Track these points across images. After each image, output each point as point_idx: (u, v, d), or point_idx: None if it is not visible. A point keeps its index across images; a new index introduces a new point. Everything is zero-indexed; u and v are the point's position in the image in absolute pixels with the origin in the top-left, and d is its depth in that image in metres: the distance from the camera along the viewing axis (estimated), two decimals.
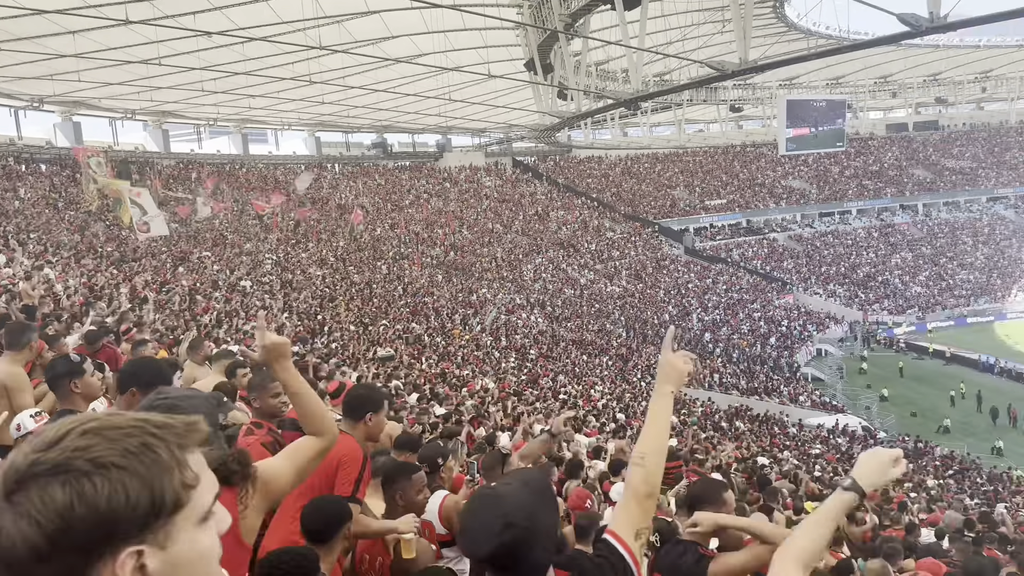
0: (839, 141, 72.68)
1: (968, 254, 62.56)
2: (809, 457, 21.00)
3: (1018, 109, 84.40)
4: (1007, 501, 19.83)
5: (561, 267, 52.16)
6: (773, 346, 46.44)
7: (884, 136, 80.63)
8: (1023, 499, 21.03)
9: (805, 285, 56.80)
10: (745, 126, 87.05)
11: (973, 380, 39.87)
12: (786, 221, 66.85)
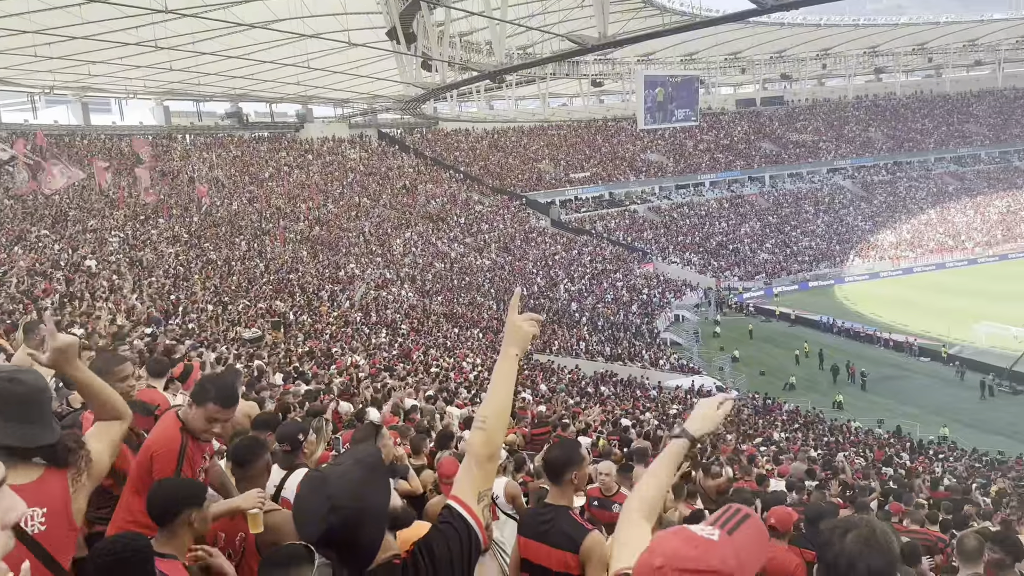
0: (693, 116, 75.83)
1: (810, 222, 67.16)
2: (668, 417, 22.03)
3: (855, 86, 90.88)
4: (846, 450, 21.62)
5: (431, 241, 51.89)
6: (635, 313, 48.26)
7: (734, 111, 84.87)
8: (862, 448, 23.00)
9: (663, 255, 59.25)
10: (606, 101, 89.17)
11: (815, 340, 43.01)
12: (645, 193, 69.32)
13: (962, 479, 17.74)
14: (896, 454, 22.00)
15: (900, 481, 13.31)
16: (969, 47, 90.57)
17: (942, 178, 76.04)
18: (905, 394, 35.46)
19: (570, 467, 3.34)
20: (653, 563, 1.44)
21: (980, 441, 28.16)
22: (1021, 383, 34.73)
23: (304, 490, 1.88)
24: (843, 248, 63.01)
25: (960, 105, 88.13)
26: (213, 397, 3.58)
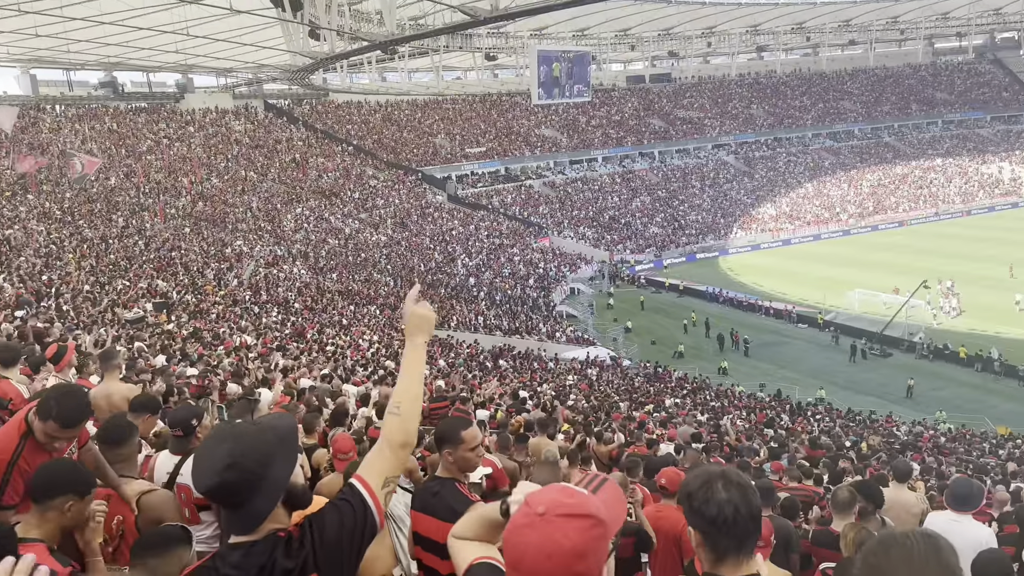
0: (585, 92, 76.82)
1: (697, 197, 69.46)
2: (564, 388, 22.47)
3: (738, 64, 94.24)
4: (731, 414, 22.64)
5: (324, 216, 50.67)
6: (532, 287, 48.78)
7: (625, 88, 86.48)
8: (745, 411, 24.13)
9: (559, 229, 60.03)
10: (500, 75, 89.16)
11: (702, 309, 44.70)
12: (541, 169, 69.87)
13: (837, 437, 18.91)
14: (777, 416, 23.20)
15: (780, 441, 14.07)
16: (844, 27, 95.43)
17: (819, 153, 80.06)
18: (785, 359, 37.41)
19: (445, 443, 3.34)
20: (536, 511, 1.54)
21: (854, 401, 30.07)
22: (891, 347, 37.23)
23: (211, 439, 1.87)
24: (727, 221, 65.54)
25: (835, 83, 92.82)
26: (55, 415, 3.22)
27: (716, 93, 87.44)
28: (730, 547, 1.89)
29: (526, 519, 1.55)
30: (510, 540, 1.57)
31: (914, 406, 30.56)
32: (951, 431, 25.01)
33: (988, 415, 28.96)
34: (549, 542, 1.51)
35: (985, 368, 33.48)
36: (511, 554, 1.56)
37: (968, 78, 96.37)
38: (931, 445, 20.24)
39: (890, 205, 69.91)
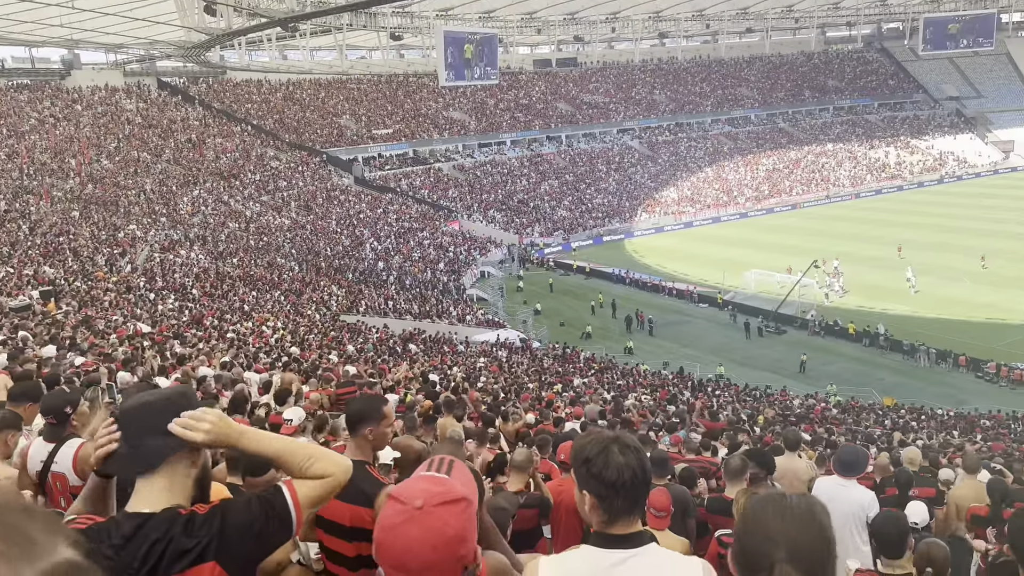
0: (493, 74, 76.80)
1: (603, 180, 70.60)
2: (475, 370, 22.55)
3: (641, 50, 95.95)
4: (635, 391, 23.23)
5: (223, 199, 48.94)
6: (442, 271, 48.59)
7: (532, 71, 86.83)
8: (649, 388, 24.79)
9: (468, 212, 59.93)
10: (407, 56, 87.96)
11: (609, 291, 45.59)
12: (449, 151, 69.50)
13: (735, 412, 19.69)
14: (679, 392, 23.95)
15: (680, 416, 14.55)
16: (741, 15, 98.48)
17: (718, 138, 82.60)
18: (687, 337, 38.62)
19: (366, 421, 3.28)
20: (413, 506, 1.57)
21: (751, 377, 31.34)
22: (785, 324, 38.93)
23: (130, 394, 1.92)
24: (632, 205, 66.93)
25: (733, 70, 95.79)
26: None
27: (621, 78, 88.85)
28: (623, 509, 1.95)
29: (404, 515, 1.56)
30: (387, 541, 1.57)
31: (807, 380, 32.12)
32: (841, 403, 26.41)
33: (875, 387, 30.76)
34: (433, 533, 1.54)
35: (872, 343, 35.45)
36: (391, 554, 1.56)
37: (857, 66, 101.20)
38: (822, 416, 21.32)
39: (784, 189, 72.88)
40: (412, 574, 1.56)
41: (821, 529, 1.53)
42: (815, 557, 1.50)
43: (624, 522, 1.97)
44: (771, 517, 1.54)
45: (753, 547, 1.53)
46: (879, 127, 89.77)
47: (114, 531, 1.82)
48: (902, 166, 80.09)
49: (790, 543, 1.50)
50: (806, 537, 1.51)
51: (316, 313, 30.60)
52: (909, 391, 29.89)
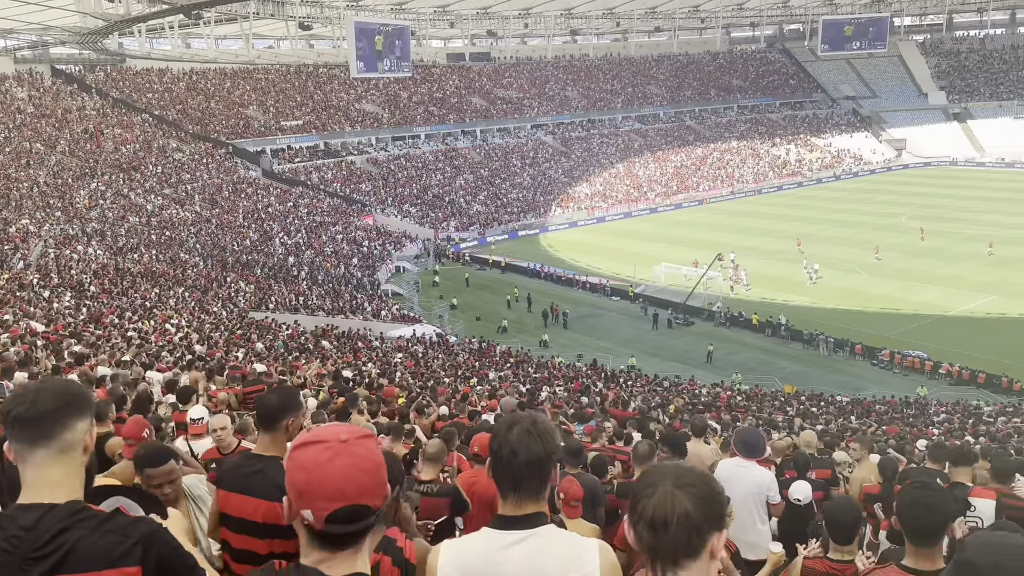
0: (406, 67, 76.14)
1: (518, 175, 70.97)
2: (390, 365, 22.34)
3: (554, 46, 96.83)
4: (550, 383, 23.50)
5: (122, 192, 46.83)
6: (356, 266, 47.89)
7: (445, 65, 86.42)
8: (563, 380, 25.10)
9: (383, 206, 59.26)
10: (317, 46, 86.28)
11: (524, 285, 45.94)
12: (362, 144, 68.48)
13: (646, 401, 20.15)
14: (592, 384, 24.36)
15: (594, 406, 14.79)
16: (650, 14, 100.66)
17: (628, 135, 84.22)
18: (600, 330, 39.31)
19: (289, 412, 3.21)
20: (338, 439, 1.66)
21: (661, 367, 32.18)
22: (693, 316, 40.08)
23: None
24: (546, 199, 67.56)
25: (643, 68, 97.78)
26: None
27: (534, 74, 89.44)
28: (505, 487, 1.99)
29: (330, 450, 1.62)
30: (319, 478, 1.60)
31: (713, 369, 33.18)
32: (745, 391, 27.39)
33: (777, 375, 32.05)
34: (364, 460, 1.63)
35: (774, 333, 36.91)
36: (327, 488, 1.59)
37: (760, 66, 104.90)
38: (728, 404, 22.07)
39: (692, 185, 74.96)
40: (350, 500, 1.60)
41: (709, 480, 1.58)
42: (702, 492, 1.54)
43: (518, 502, 2.00)
44: (662, 468, 1.60)
45: (642, 488, 1.57)
46: (780, 125, 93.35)
47: (8, 523, 1.75)
48: (802, 163, 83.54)
49: (678, 476, 1.55)
50: (694, 477, 1.56)
51: (223, 310, 29.70)
52: (809, 379, 31.27)
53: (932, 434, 16.98)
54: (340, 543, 1.67)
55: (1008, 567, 1.60)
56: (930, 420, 21.70)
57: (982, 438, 16.59)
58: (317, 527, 1.63)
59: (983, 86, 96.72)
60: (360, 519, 1.64)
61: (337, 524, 1.62)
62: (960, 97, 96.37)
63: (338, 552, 1.68)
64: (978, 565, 1.63)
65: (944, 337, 34.18)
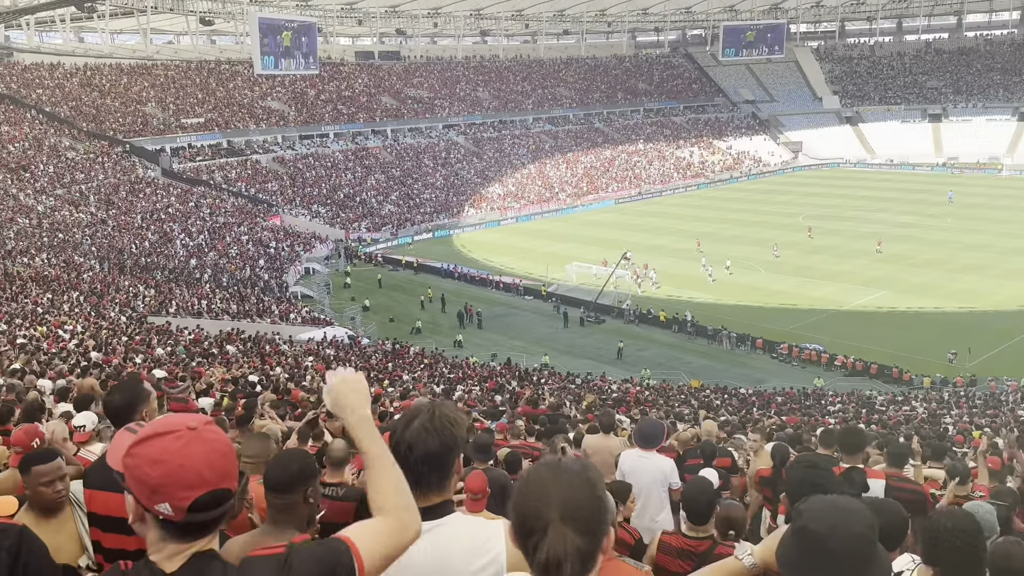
0: (312, 64, 74.75)
1: (430, 176, 70.65)
2: (299, 369, 21.89)
3: (464, 46, 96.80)
4: (464, 383, 23.53)
5: (11, 193, 44.23)
6: (263, 268, 46.67)
7: (354, 63, 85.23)
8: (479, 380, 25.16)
9: (290, 206, 57.96)
10: (219, 42, 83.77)
11: (438, 285, 45.77)
12: (268, 143, 66.81)
13: (559, 397, 20.43)
14: (507, 382, 24.53)
15: (507, 403, 14.91)
16: (558, 17, 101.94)
17: (539, 136, 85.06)
18: (514, 329, 39.60)
19: (141, 403, 3.13)
20: (187, 427, 1.63)
21: (573, 365, 32.66)
22: (604, 314, 40.83)
23: None
24: (459, 200, 67.52)
25: (552, 70, 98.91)
26: None
27: (445, 74, 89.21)
28: (413, 479, 1.99)
29: (181, 439, 1.59)
30: (175, 468, 1.56)
31: (624, 366, 33.91)
32: (654, 386, 28.12)
33: (684, 370, 33.01)
34: (217, 444, 1.63)
35: (681, 329, 37.99)
36: (184, 476, 1.56)
37: (664, 70, 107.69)
38: (637, 399, 22.59)
39: (601, 185, 76.33)
40: (212, 486, 1.59)
41: (592, 488, 1.60)
42: (588, 515, 1.56)
43: (421, 495, 2.02)
44: (545, 481, 1.60)
45: (528, 510, 1.57)
46: (684, 128, 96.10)
47: None
48: (705, 165, 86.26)
49: (564, 503, 1.55)
50: (579, 496, 1.57)
51: (121, 315, 28.45)
52: (714, 373, 32.35)
53: (828, 423, 17.84)
54: (201, 530, 1.64)
55: (843, 530, 1.65)
56: (826, 410, 22.80)
57: (874, 426, 17.55)
58: (177, 518, 1.59)
59: (873, 91, 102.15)
60: (222, 504, 1.62)
61: (200, 512, 1.59)
62: (852, 101, 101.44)
63: (198, 540, 1.65)
64: (814, 531, 1.67)
65: (839, 330, 35.93)
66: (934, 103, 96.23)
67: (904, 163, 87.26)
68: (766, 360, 34.66)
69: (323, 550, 1.73)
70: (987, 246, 48.86)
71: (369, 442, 1.88)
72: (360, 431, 1.90)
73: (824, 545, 1.65)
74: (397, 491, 1.86)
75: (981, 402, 24.75)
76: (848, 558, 1.64)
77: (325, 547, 1.74)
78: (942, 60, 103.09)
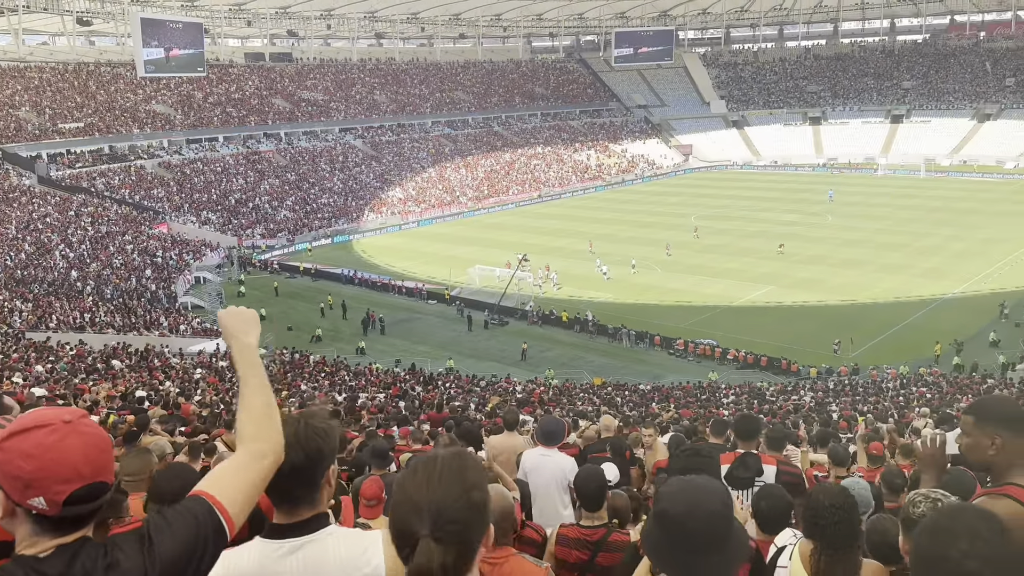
0: (199, 66, 72.15)
1: (327, 180, 69.29)
2: (191, 383, 21.04)
3: (359, 49, 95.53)
4: (367, 390, 23.13)
5: None
6: (150, 279, 44.60)
7: (244, 65, 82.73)
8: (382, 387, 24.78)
9: (178, 213, 55.66)
10: (99, 43, 79.79)
11: (338, 292, 44.87)
12: (153, 147, 63.97)
13: (464, 401, 20.40)
14: (411, 388, 24.28)
15: (411, 409, 14.76)
16: (454, 21, 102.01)
17: (438, 140, 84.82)
18: (418, 334, 39.26)
19: None
20: (62, 421, 1.58)
21: (478, 368, 32.65)
22: (508, 316, 41.02)
23: None
24: (359, 204, 66.50)
25: (450, 74, 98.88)
26: None
27: (339, 77, 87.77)
28: (274, 498, 1.94)
29: (56, 432, 1.54)
30: (50, 462, 1.52)
31: (528, 367, 34.16)
32: (558, 385, 28.44)
33: (586, 369, 33.55)
34: (93, 438, 1.60)
35: (583, 329, 38.58)
36: (61, 470, 1.52)
37: (560, 75, 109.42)
38: (541, 399, 22.80)
39: (502, 189, 76.79)
40: (89, 479, 1.56)
41: (468, 492, 1.49)
42: (461, 526, 1.45)
43: (291, 510, 1.95)
44: (419, 488, 1.49)
45: (399, 525, 1.47)
46: (581, 132, 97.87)
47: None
48: (601, 168, 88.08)
49: (435, 516, 1.44)
50: (452, 506, 1.46)
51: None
52: (614, 370, 33.00)
53: (722, 414, 18.49)
54: (77, 524, 1.60)
55: (700, 510, 1.70)
56: (720, 402, 23.62)
57: (763, 415, 18.29)
58: (52, 512, 1.54)
59: (757, 96, 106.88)
60: (99, 496, 1.60)
61: (76, 505, 1.55)
62: (738, 106, 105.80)
63: (73, 534, 1.60)
64: (673, 514, 1.71)
65: (731, 326, 37.33)
66: (814, 107, 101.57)
67: (787, 164, 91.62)
68: (664, 356, 35.63)
69: (181, 511, 1.70)
70: (865, 242, 51.83)
71: (245, 366, 1.95)
72: (239, 355, 1.98)
73: (683, 527, 1.69)
74: (257, 416, 1.88)
75: (863, 390, 26.20)
76: (706, 537, 1.68)
77: (183, 508, 1.71)
78: (820, 66, 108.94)
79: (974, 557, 1.28)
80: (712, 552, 1.69)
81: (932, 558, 1.32)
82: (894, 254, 48.32)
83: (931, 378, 28.15)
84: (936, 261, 46.41)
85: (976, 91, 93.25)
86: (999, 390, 22.30)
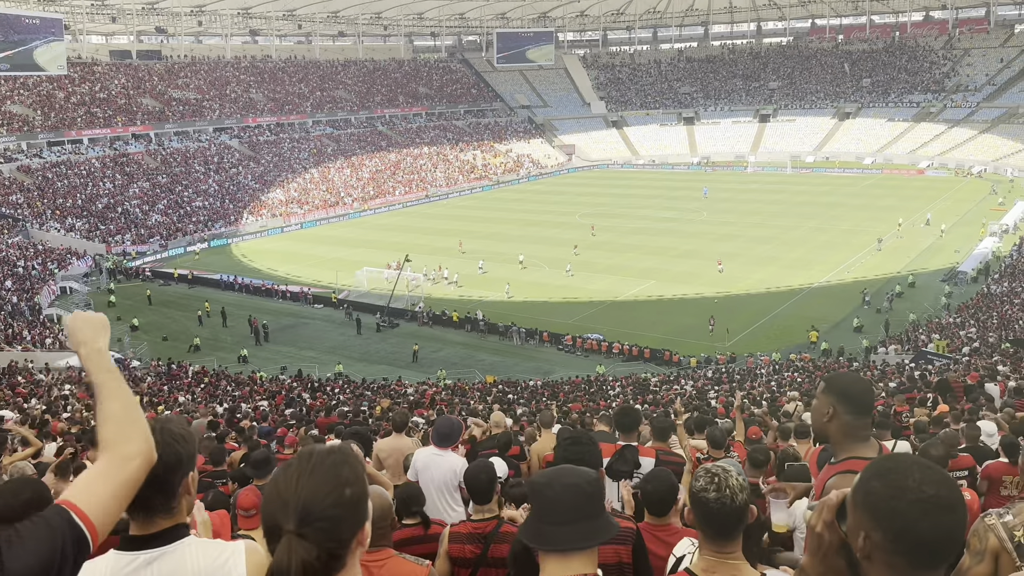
0: (59, 63, 68.07)
1: (202, 182, 66.54)
2: (59, 399, 19.82)
3: (233, 46, 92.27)
4: (250, 399, 22.43)
5: None
6: (10, 290, 41.56)
7: (109, 63, 78.36)
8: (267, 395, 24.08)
9: (40, 220, 52.13)
10: None
11: (217, 298, 43.18)
12: (10, 151, 59.71)
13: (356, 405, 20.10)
14: (298, 395, 23.72)
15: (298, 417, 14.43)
16: (333, 18, 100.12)
17: (320, 140, 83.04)
18: (304, 339, 38.35)
19: None
20: None
21: (368, 371, 32.23)
22: (398, 317, 40.65)
23: None
24: (237, 207, 64.23)
25: (330, 72, 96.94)
26: None
27: (213, 75, 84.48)
28: (129, 509, 1.86)
29: None
30: None
31: (419, 368, 34.02)
32: (450, 385, 28.45)
33: (478, 368, 33.74)
34: None
35: (474, 328, 38.74)
36: None
37: (444, 75, 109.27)
38: (432, 400, 22.77)
39: (388, 189, 75.98)
40: None
41: (341, 490, 1.47)
42: (330, 524, 1.44)
43: (146, 521, 1.89)
44: (289, 479, 1.48)
45: (268, 519, 1.47)
46: (466, 132, 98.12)
47: None
48: (488, 168, 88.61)
49: (302, 512, 1.43)
50: (322, 502, 1.44)
51: None
52: (506, 368, 33.35)
53: (610, 406, 19.04)
54: None
55: (558, 481, 2.05)
56: (607, 394, 24.29)
57: (647, 405, 18.96)
58: None
59: (635, 96, 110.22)
60: None
61: None
62: (616, 106, 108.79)
63: None
64: (537, 483, 2.09)
65: (615, 320, 38.43)
66: (687, 107, 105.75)
67: (664, 163, 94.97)
68: (553, 352, 36.28)
69: (37, 522, 1.60)
70: (737, 236, 54.42)
71: (97, 372, 1.87)
72: (90, 362, 1.89)
73: (544, 495, 2.03)
74: (118, 420, 1.80)
75: (740, 376, 27.57)
76: (566, 506, 2.00)
77: (39, 519, 1.61)
78: (693, 67, 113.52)
79: (928, 483, 1.40)
80: (572, 523, 1.97)
81: (890, 495, 1.40)
82: (764, 247, 50.97)
83: (801, 363, 29.94)
84: (802, 252, 49.32)
85: (836, 91, 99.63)
86: (862, 373, 23.97)
